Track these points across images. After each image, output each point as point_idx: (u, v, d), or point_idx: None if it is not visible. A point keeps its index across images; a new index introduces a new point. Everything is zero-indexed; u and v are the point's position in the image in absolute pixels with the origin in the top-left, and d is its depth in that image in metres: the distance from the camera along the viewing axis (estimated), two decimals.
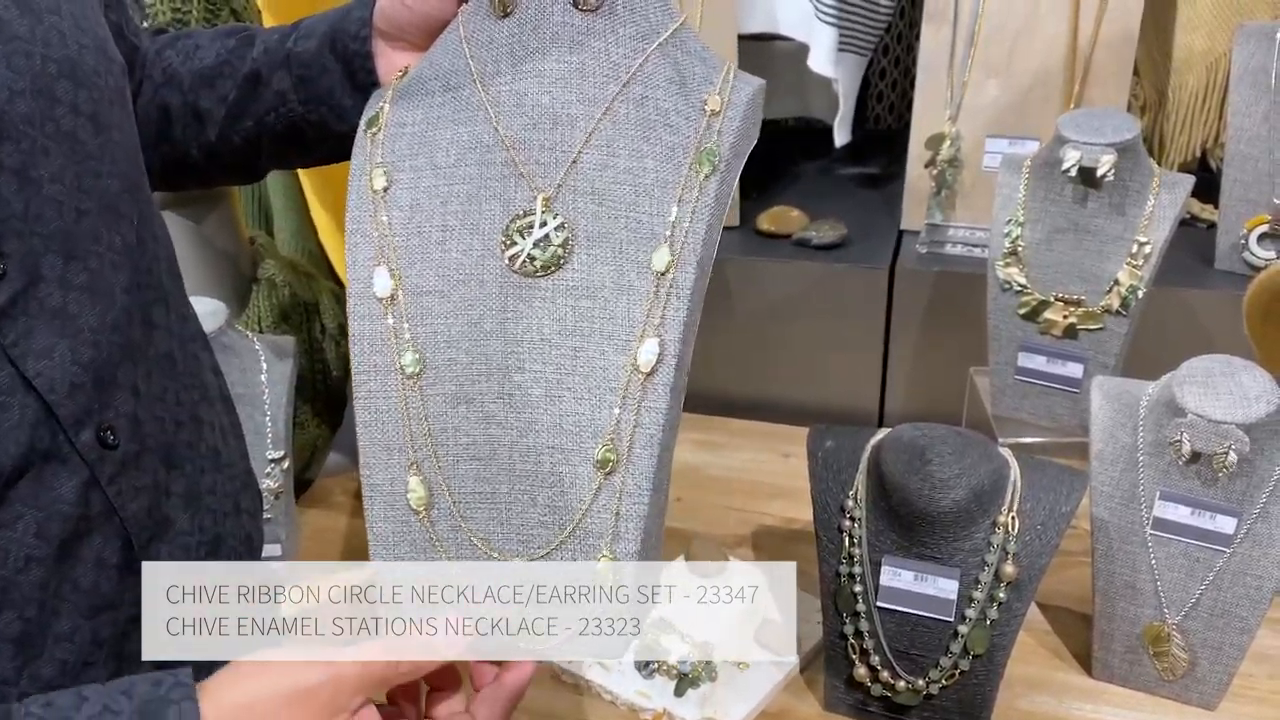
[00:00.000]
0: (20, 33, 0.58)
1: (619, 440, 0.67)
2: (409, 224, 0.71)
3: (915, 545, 0.94)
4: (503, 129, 0.70)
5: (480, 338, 0.69)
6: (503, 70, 0.70)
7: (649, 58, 0.70)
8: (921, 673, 0.96)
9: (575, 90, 0.70)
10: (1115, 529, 1.00)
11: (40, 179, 0.58)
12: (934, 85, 1.39)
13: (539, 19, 0.70)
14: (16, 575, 0.58)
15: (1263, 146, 1.26)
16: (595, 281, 0.68)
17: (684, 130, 0.69)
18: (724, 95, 0.71)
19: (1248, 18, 1.31)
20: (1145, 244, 1.11)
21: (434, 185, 0.71)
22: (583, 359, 0.68)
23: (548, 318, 0.68)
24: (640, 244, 0.68)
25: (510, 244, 0.68)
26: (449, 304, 0.70)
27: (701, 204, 0.68)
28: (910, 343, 1.42)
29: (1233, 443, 0.91)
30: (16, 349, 0.56)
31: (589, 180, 0.69)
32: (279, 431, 1.17)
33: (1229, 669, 0.99)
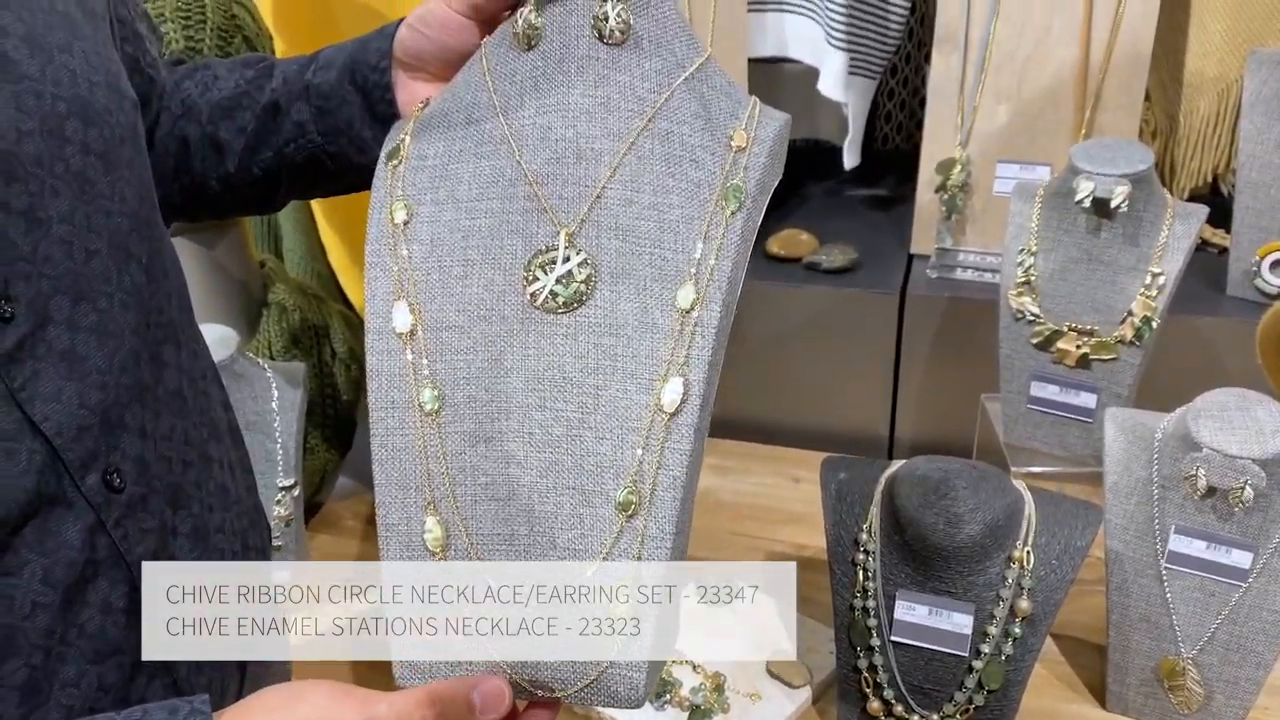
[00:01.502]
0: (30, 73, 0.57)
1: (641, 482, 0.65)
2: (429, 258, 0.69)
3: (930, 579, 0.93)
4: (525, 163, 0.69)
5: (501, 375, 0.68)
6: (526, 103, 0.69)
7: (674, 92, 0.69)
8: (935, 707, 0.95)
9: (600, 124, 0.69)
10: (1130, 562, 0.99)
11: (49, 220, 0.57)
12: (944, 110, 1.39)
13: (563, 52, 0.69)
14: (23, 622, 0.57)
15: (1274, 173, 1.26)
16: (619, 319, 0.67)
17: (709, 166, 0.68)
18: (750, 131, 0.70)
19: (1259, 44, 1.31)
20: (1159, 275, 1.10)
21: (455, 219, 0.70)
22: (605, 398, 0.66)
23: (570, 355, 0.67)
24: (665, 281, 0.67)
25: (532, 280, 0.67)
26: (469, 340, 0.68)
27: (727, 241, 0.67)
28: (921, 368, 1.41)
29: (1249, 478, 0.91)
30: (24, 392, 0.56)
31: (613, 216, 0.68)
32: (290, 459, 1.17)
33: (1245, 704, 0.99)
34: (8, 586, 0.56)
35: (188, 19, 1.11)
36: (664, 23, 0.71)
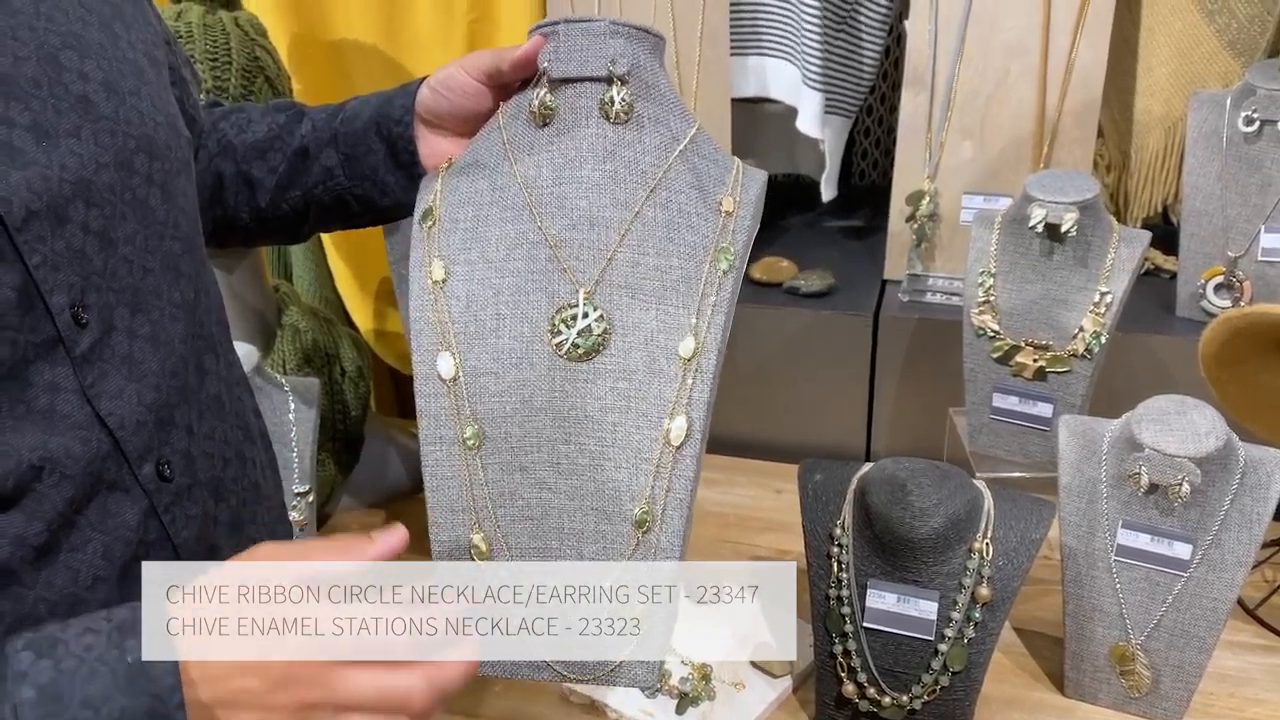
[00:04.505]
0: (107, 113, 0.65)
1: (654, 504, 0.77)
2: (466, 312, 0.79)
3: (898, 570, 1.02)
4: (546, 228, 0.78)
5: (531, 414, 0.78)
6: (544, 175, 0.79)
7: (672, 164, 0.79)
8: (905, 689, 1.03)
9: (609, 195, 0.78)
10: (1083, 556, 1.08)
11: (117, 240, 0.65)
12: (913, 146, 1.48)
13: (574, 130, 0.79)
14: (85, 592, 0.64)
15: (1217, 203, 1.35)
16: (631, 366, 0.77)
17: (703, 230, 0.79)
18: (735, 195, 0.81)
19: (1201, 86, 1.40)
20: (1107, 294, 1.20)
21: (487, 277, 0.79)
22: (621, 433, 0.77)
23: (590, 397, 0.77)
24: (669, 333, 0.77)
25: (556, 332, 0.77)
26: (503, 384, 0.78)
27: (720, 297, 0.78)
28: (893, 385, 1.50)
29: (1185, 475, 1.00)
30: (93, 390, 0.63)
31: (623, 276, 0.78)
32: (305, 468, 1.25)
33: (1190, 686, 1.06)
34: (74, 560, 0.63)
35: (215, 60, 1.20)
36: (661, 102, 0.81)
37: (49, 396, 0.61)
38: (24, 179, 0.59)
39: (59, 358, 0.62)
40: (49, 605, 0.63)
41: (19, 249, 0.59)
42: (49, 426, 0.61)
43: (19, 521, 0.61)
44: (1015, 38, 1.39)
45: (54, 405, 0.61)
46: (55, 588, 0.63)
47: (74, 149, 0.62)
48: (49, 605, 0.63)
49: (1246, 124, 1.30)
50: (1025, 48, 1.39)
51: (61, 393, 0.62)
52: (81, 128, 0.63)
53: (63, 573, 0.63)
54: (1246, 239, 1.33)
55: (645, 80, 0.80)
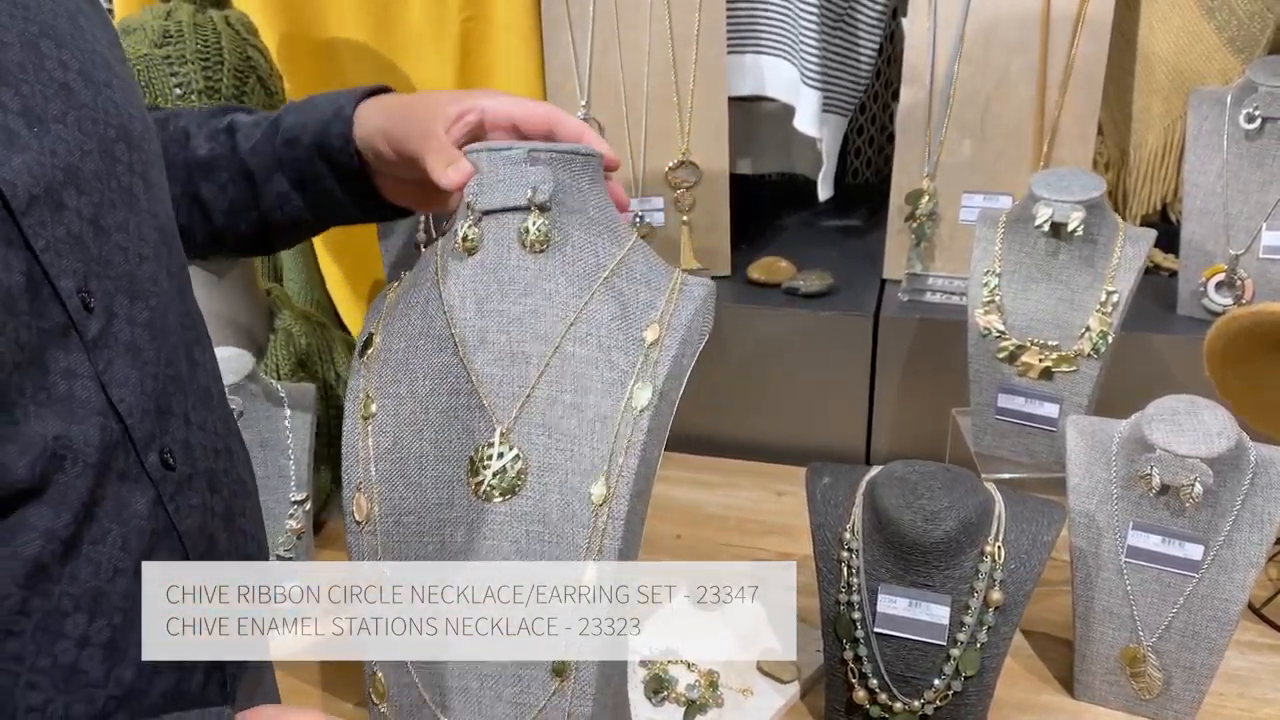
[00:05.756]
0: (87, 101, 0.64)
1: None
2: (392, 451, 0.81)
3: (909, 574, 1.01)
4: (468, 363, 0.79)
5: (451, 556, 0.79)
6: (469, 307, 0.79)
7: (594, 295, 0.78)
8: (917, 694, 1.02)
9: (529, 329, 0.78)
10: (1093, 557, 1.07)
11: (109, 228, 0.64)
12: (912, 144, 1.47)
13: (497, 261, 0.79)
14: (106, 585, 0.64)
15: (1217, 201, 1.34)
16: (545, 509, 0.77)
17: (622, 365, 0.78)
18: (666, 319, 0.80)
19: (1200, 83, 1.39)
20: (1113, 293, 1.19)
21: (412, 413, 0.80)
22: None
23: (506, 540, 0.78)
24: (582, 476, 0.76)
25: (475, 473, 0.78)
26: (425, 524, 0.80)
27: (634, 440, 0.76)
28: (894, 385, 1.49)
29: (1197, 475, 0.99)
30: (105, 375, 0.63)
31: (541, 414, 0.78)
32: (302, 474, 1.23)
33: (1201, 688, 1.06)
34: (95, 553, 0.63)
35: (206, 60, 1.18)
36: (589, 226, 0.80)
37: (67, 383, 0.61)
38: (23, 163, 0.59)
39: (73, 343, 0.61)
40: (73, 600, 0.62)
41: (25, 233, 0.58)
42: (69, 413, 0.61)
43: (48, 514, 0.60)
44: (1015, 35, 1.38)
45: (72, 391, 0.61)
46: (79, 581, 0.62)
47: (62, 135, 0.61)
48: (73, 600, 0.62)
49: (1248, 121, 1.30)
50: (1025, 45, 1.38)
51: (78, 379, 0.62)
52: (67, 114, 0.62)
53: (85, 566, 0.63)
54: (1248, 236, 1.33)
55: (570, 205, 0.79)
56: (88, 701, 0.63)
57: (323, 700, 1.15)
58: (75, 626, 0.62)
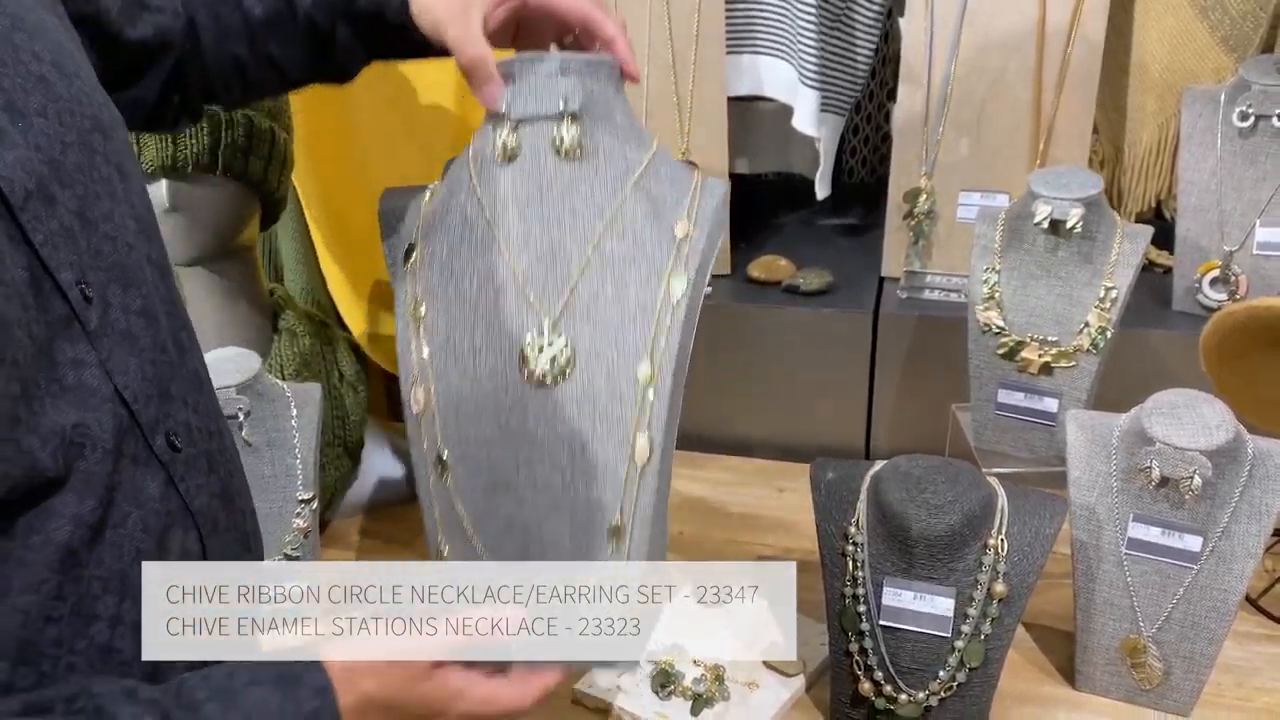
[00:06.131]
0: (62, 93, 0.64)
1: (625, 516, 0.84)
2: (445, 347, 0.86)
3: (914, 567, 1.02)
4: (513, 264, 0.84)
5: (508, 438, 0.85)
6: (510, 211, 0.84)
7: (627, 196, 0.84)
8: (922, 685, 1.03)
9: (569, 230, 0.84)
10: (1093, 550, 1.08)
11: (95, 219, 0.65)
12: (910, 144, 1.48)
13: (535, 168, 0.84)
14: (130, 567, 0.65)
15: (1211, 198, 1.36)
16: (594, 391, 0.83)
17: (658, 259, 0.84)
18: (692, 215, 0.86)
19: (1194, 81, 1.41)
20: (1111, 289, 1.20)
21: (462, 312, 0.86)
22: (589, 454, 0.84)
23: (559, 420, 0.83)
24: (628, 359, 0.83)
25: (526, 362, 0.84)
26: (483, 412, 0.85)
27: (674, 323, 0.83)
28: (893, 382, 1.50)
29: (1197, 468, 1.00)
30: (109, 364, 0.64)
31: (585, 306, 0.84)
32: (308, 474, 1.23)
33: (1200, 677, 1.07)
34: (118, 536, 0.64)
35: None
36: (616, 132, 0.85)
37: (75, 373, 0.62)
38: (15, 159, 0.59)
39: (76, 334, 0.62)
40: (102, 583, 0.64)
41: (24, 229, 0.59)
42: (82, 402, 0.62)
43: (73, 500, 0.61)
44: (1011, 35, 1.39)
45: (81, 380, 0.62)
46: (105, 565, 0.64)
47: (44, 129, 0.62)
48: (102, 583, 0.64)
49: (1241, 119, 1.32)
50: (1021, 45, 1.39)
51: (86, 368, 0.63)
52: (46, 107, 0.63)
53: (110, 549, 0.64)
54: (1242, 233, 1.35)
55: (598, 113, 0.84)
56: (124, 678, 0.64)
57: None
58: (106, 608, 0.64)
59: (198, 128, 1.16)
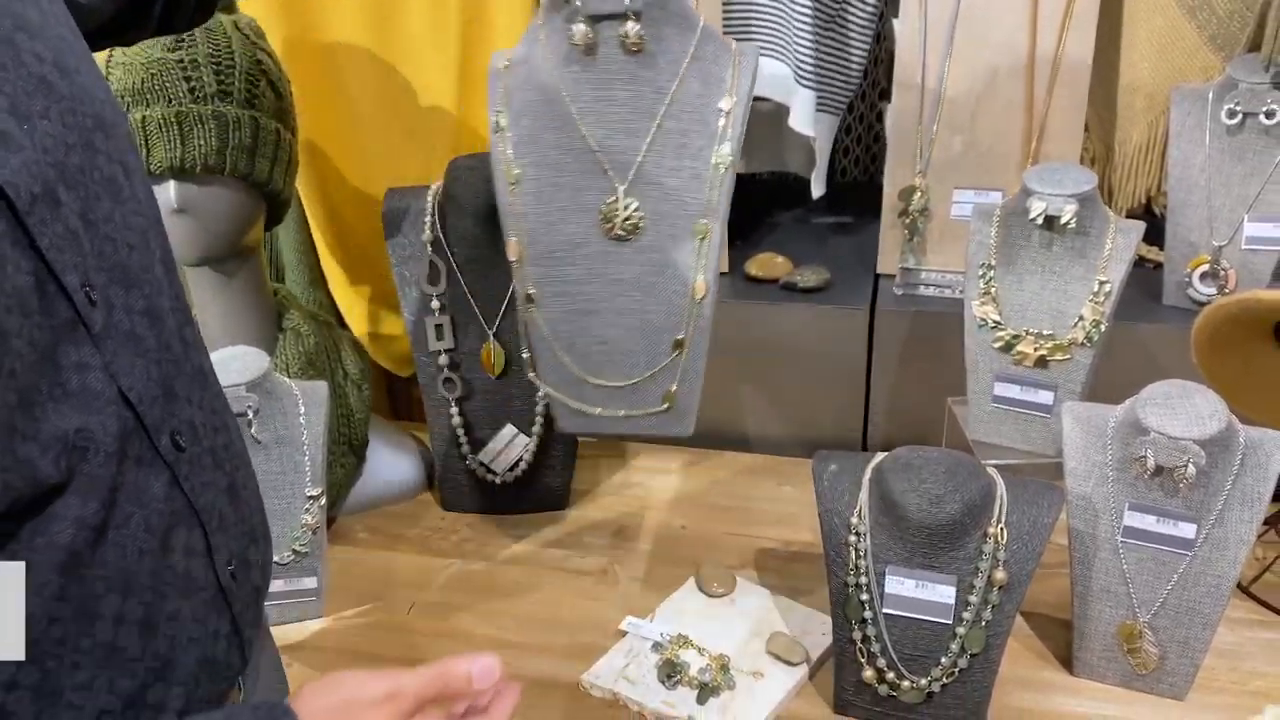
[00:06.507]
0: (64, 93, 0.64)
1: (686, 334, 1.10)
2: (535, 207, 1.08)
3: (916, 556, 1.04)
4: (590, 138, 1.04)
5: (594, 278, 1.09)
6: (585, 95, 1.03)
7: (681, 80, 1.03)
8: (924, 672, 1.06)
9: (635, 109, 1.03)
10: (1090, 538, 1.11)
11: (97, 220, 0.65)
12: (904, 143, 1.50)
13: (605, 57, 1.02)
14: (135, 565, 0.66)
15: (1201, 194, 1.38)
16: (661, 244, 1.06)
17: (707, 133, 1.04)
18: (733, 90, 1.04)
19: (1182, 80, 1.43)
20: (1105, 283, 1.23)
21: (549, 176, 1.07)
22: (657, 291, 1.09)
23: (634, 265, 1.08)
24: (688, 218, 1.06)
25: (605, 221, 1.06)
26: (571, 258, 1.08)
27: (724, 185, 1.04)
28: (889, 377, 1.52)
29: (1190, 457, 1.03)
30: (113, 366, 0.64)
31: (651, 175, 1.05)
32: (316, 470, 1.24)
33: (1195, 661, 1.10)
34: (121, 536, 0.65)
35: (218, 64, 1.19)
36: (671, 21, 1.02)
37: (80, 376, 0.62)
38: (21, 162, 0.59)
39: (81, 337, 0.62)
40: (106, 583, 0.64)
41: (30, 233, 0.59)
42: (85, 406, 0.62)
43: (76, 503, 0.62)
44: (1003, 35, 1.42)
45: (85, 384, 0.62)
46: (109, 565, 0.64)
47: (48, 130, 0.62)
48: (106, 583, 0.64)
49: (1229, 116, 1.34)
50: (1013, 45, 1.42)
51: (90, 371, 0.63)
52: (49, 108, 0.62)
53: (113, 550, 0.64)
54: (1230, 228, 1.37)
55: (656, 4, 1.00)
56: (130, 676, 0.66)
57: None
58: (110, 607, 0.65)
59: (204, 129, 1.17)
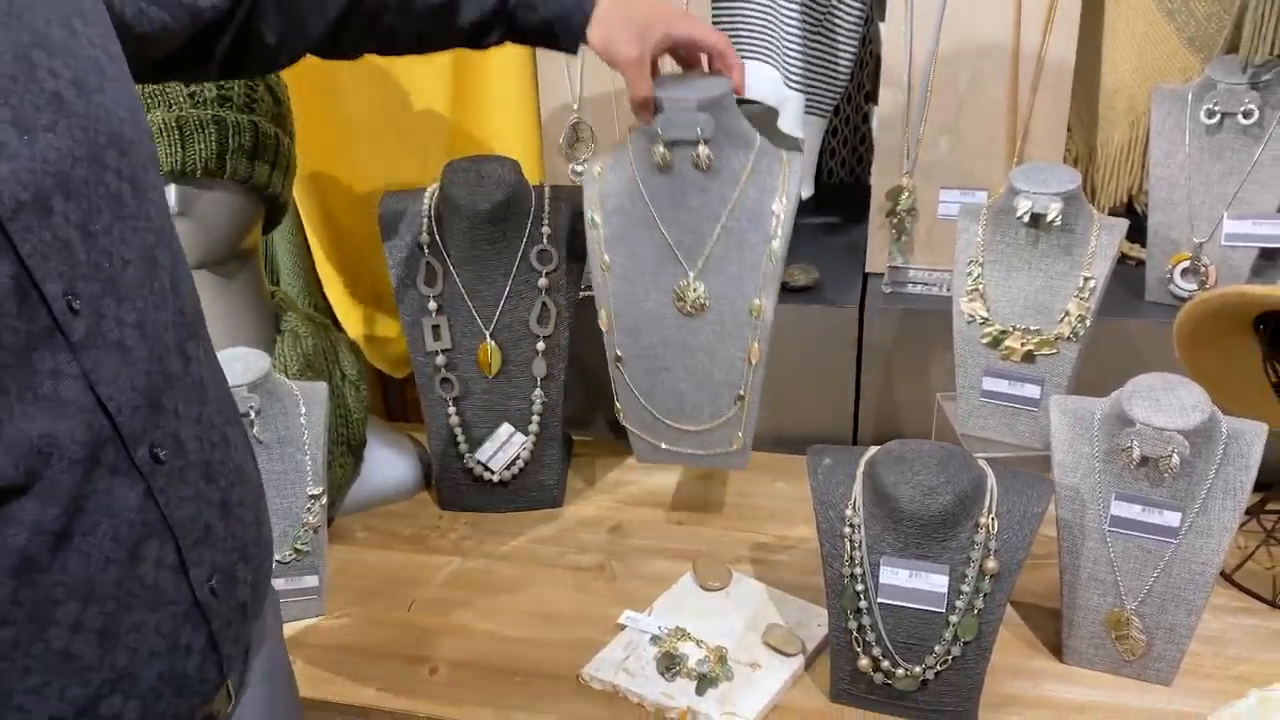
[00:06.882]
0: (78, 110, 0.66)
1: (745, 390, 1.29)
2: (623, 288, 1.29)
3: (909, 546, 1.06)
4: (667, 235, 1.25)
5: (669, 344, 1.30)
6: (664, 202, 1.23)
7: (741, 190, 1.22)
8: (919, 660, 1.08)
9: (703, 214, 1.23)
10: (1078, 528, 1.13)
11: (96, 233, 0.66)
12: (891, 143, 1.53)
13: (680, 174, 1.21)
14: (99, 574, 0.66)
15: (1181, 192, 1.42)
16: (723, 318, 1.26)
17: (763, 230, 1.23)
18: (784, 193, 1.22)
19: (1162, 80, 1.47)
20: (1090, 279, 1.26)
21: (635, 264, 1.27)
22: (719, 356, 1.29)
23: (701, 335, 1.28)
24: (745, 298, 1.25)
25: (679, 300, 1.27)
26: (652, 327, 1.29)
27: (774, 270, 1.24)
28: (879, 373, 1.55)
29: (1175, 447, 1.05)
30: (93, 375, 0.65)
31: (716, 264, 1.25)
32: (318, 469, 1.26)
33: (1181, 647, 1.13)
34: (86, 544, 0.66)
35: None
36: (734, 141, 1.20)
37: (53, 382, 0.63)
38: (11, 170, 0.60)
39: (58, 344, 0.63)
40: (65, 589, 0.65)
41: (10, 238, 0.60)
42: (55, 412, 0.63)
43: (34, 507, 0.63)
44: (987, 38, 1.44)
45: (58, 391, 0.63)
46: (70, 572, 0.65)
47: (52, 143, 0.63)
48: (65, 589, 0.65)
49: (1208, 116, 1.37)
50: (997, 47, 1.45)
51: (64, 378, 0.63)
52: (57, 123, 0.64)
53: (76, 557, 0.65)
54: (1210, 225, 1.40)
55: (724, 129, 1.19)
56: (83, 684, 0.67)
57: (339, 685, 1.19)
58: (67, 614, 0.65)
59: (205, 133, 1.18)
